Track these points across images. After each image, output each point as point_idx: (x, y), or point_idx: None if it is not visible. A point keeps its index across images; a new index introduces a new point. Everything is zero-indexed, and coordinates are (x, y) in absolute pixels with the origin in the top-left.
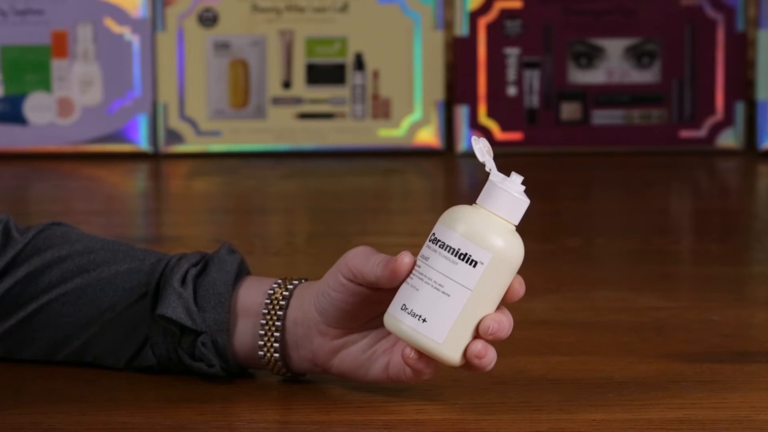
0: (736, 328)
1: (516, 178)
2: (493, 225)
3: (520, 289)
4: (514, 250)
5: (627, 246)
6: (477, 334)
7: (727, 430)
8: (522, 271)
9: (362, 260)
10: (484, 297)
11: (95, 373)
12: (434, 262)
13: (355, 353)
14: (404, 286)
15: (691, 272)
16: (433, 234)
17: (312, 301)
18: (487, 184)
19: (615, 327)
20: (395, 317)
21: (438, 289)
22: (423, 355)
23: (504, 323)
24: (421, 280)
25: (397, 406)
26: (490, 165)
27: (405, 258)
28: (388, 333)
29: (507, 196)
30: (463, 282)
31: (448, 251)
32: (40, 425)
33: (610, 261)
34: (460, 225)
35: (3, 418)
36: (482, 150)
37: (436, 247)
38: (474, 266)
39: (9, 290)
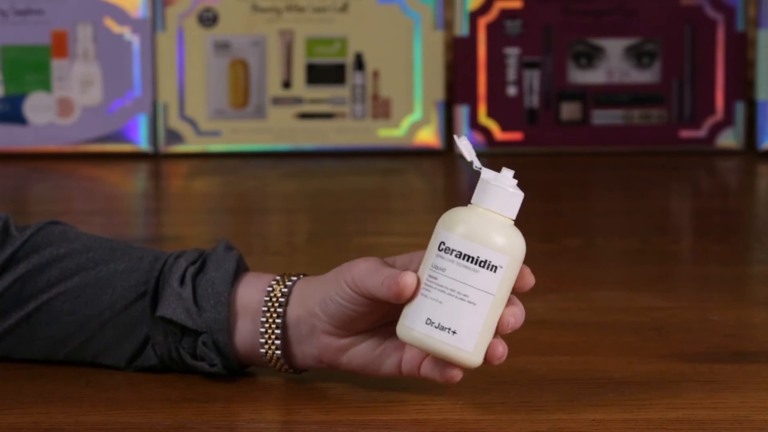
0: (736, 328)
1: (507, 173)
2: (493, 224)
3: (530, 277)
4: (520, 244)
5: (627, 246)
6: (495, 332)
7: (727, 430)
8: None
9: (367, 276)
10: (503, 297)
11: (95, 373)
12: (454, 273)
13: (365, 350)
14: (422, 299)
15: (691, 272)
16: (443, 243)
17: (317, 302)
18: (480, 182)
19: (615, 327)
20: (420, 332)
21: (463, 300)
22: (439, 362)
23: (519, 315)
24: (443, 292)
25: (397, 406)
26: (478, 163)
27: (407, 279)
28: None
29: (502, 192)
30: (486, 288)
31: (467, 260)
32: (40, 425)
33: (610, 261)
34: (460, 226)
35: (3, 418)
36: (469, 148)
37: (452, 257)
38: (495, 271)
39: (8, 288)
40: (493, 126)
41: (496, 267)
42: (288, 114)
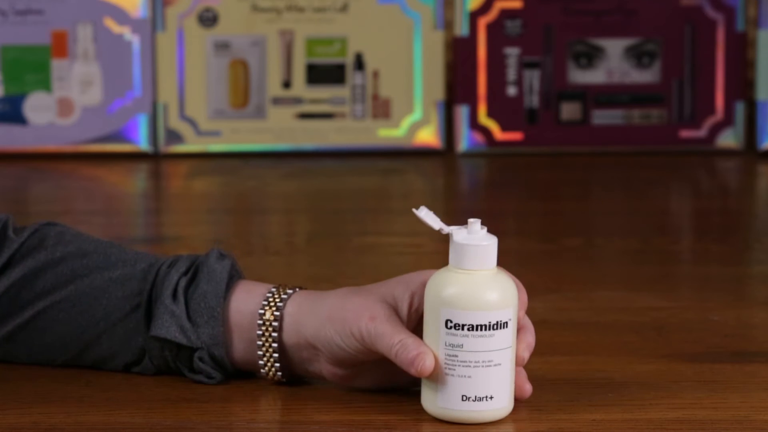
0: (736, 328)
1: (475, 226)
2: (486, 283)
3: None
4: (513, 288)
5: (627, 246)
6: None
7: (727, 430)
8: (522, 271)
9: (378, 340)
10: (515, 338)
11: (95, 373)
12: (472, 345)
13: (376, 371)
14: (449, 379)
15: (691, 272)
16: (449, 321)
17: (316, 337)
18: (453, 245)
19: (615, 327)
20: (458, 410)
21: (490, 365)
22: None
23: (532, 344)
24: (468, 366)
25: (397, 406)
26: (447, 228)
27: (427, 363)
28: None
29: (479, 250)
30: (504, 344)
31: (480, 329)
32: (40, 425)
33: (610, 261)
34: (458, 299)
35: (3, 418)
36: (431, 217)
37: (465, 332)
38: (507, 326)
39: (5, 292)
40: (493, 126)
41: (507, 322)
42: (288, 114)
